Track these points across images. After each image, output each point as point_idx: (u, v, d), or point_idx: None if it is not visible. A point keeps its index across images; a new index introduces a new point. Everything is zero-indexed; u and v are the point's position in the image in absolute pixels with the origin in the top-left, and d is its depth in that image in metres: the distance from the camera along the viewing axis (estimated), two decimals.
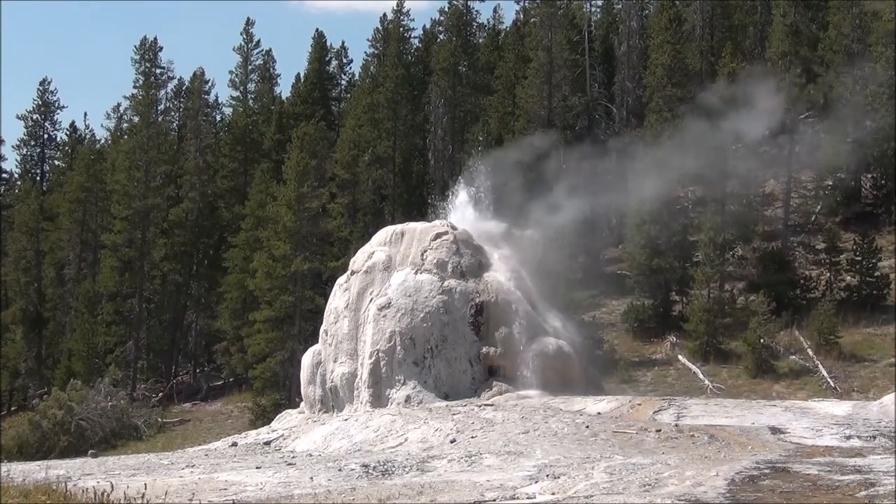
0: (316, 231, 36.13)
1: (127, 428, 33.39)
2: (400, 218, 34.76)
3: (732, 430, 16.39)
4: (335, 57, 54.89)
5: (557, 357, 23.24)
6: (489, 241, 25.47)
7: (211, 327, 42.37)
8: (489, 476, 12.85)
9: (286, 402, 31.44)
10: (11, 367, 41.87)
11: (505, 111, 42.66)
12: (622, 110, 43.26)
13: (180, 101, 52.04)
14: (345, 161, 41.37)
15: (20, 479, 11.50)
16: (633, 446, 15.36)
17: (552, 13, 40.96)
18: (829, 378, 27.00)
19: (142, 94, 46.79)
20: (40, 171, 54.91)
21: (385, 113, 43.25)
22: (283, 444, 20.71)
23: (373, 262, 24.62)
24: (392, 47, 45.80)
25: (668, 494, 10.70)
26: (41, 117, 53.99)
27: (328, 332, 24.87)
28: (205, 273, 44.56)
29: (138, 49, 48.46)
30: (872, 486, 10.68)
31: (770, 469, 12.26)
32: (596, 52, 45.44)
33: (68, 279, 44.75)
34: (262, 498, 11.93)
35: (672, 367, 30.25)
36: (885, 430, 16.03)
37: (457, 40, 46.07)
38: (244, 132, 46.63)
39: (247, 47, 50.18)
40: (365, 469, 13.93)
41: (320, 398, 24.58)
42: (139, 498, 9.31)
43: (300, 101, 50.68)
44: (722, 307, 30.64)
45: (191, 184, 44.44)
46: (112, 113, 54.73)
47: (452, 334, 23.09)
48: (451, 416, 18.87)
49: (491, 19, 52.37)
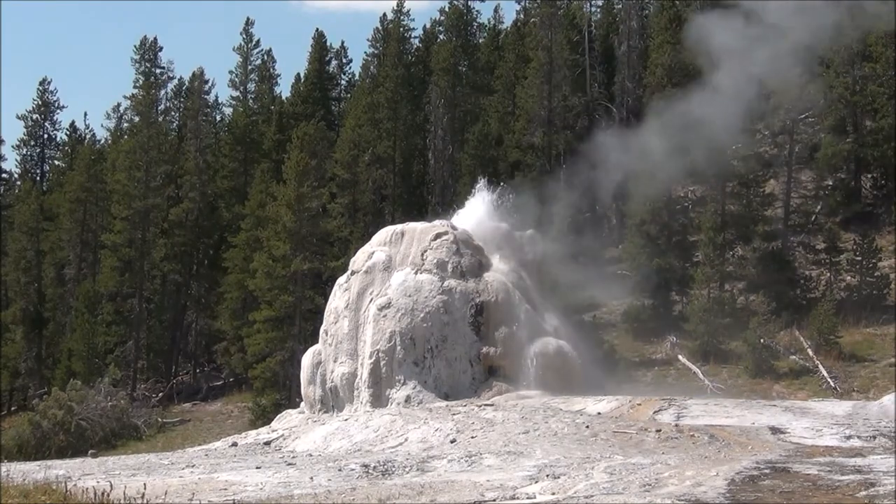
0: (316, 231, 36.11)
1: (127, 428, 33.37)
2: (400, 218, 34.75)
3: (732, 430, 16.40)
4: (335, 57, 54.87)
5: (557, 357, 23.27)
6: (489, 242, 25.51)
7: (211, 327, 42.35)
8: (489, 476, 12.85)
9: (286, 402, 31.43)
10: (11, 367, 41.85)
11: (505, 111, 42.65)
12: (622, 110, 43.23)
13: (180, 101, 52.08)
14: (345, 161, 41.36)
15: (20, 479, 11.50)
16: (633, 446, 15.36)
17: (552, 13, 40.96)
18: (829, 378, 26.97)
19: (142, 94, 46.79)
20: (40, 171, 54.92)
21: (385, 113, 43.24)
22: (283, 444, 20.72)
23: (373, 262, 24.63)
24: (392, 47, 45.79)
25: (668, 494, 10.70)
26: (41, 117, 53.99)
27: (328, 332, 24.89)
28: (205, 273, 44.55)
29: (138, 49, 48.53)
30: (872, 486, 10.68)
31: (770, 469, 12.26)
32: (596, 52, 45.44)
33: (68, 279, 44.74)
34: (262, 498, 11.93)
35: (672, 367, 30.23)
36: (885, 430, 16.04)
37: (457, 40, 46.06)
38: (244, 132, 46.62)
39: (247, 47, 50.19)
40: (365, 469, 13.93)
41: (320, 398, 24.59)
42: (139, 498, 9.31)
43: (300, 101, 50.66)
44: (722, 307, 30.61)
45: (191, 184, 44.43)
46: (112, 113, 54.80)
47: (452, 334, 23.11)
48: (451, 416, 18.88)
49: (491, 19, 52.50)
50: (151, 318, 43.43)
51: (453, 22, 46.61)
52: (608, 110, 43.95)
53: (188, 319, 44.76)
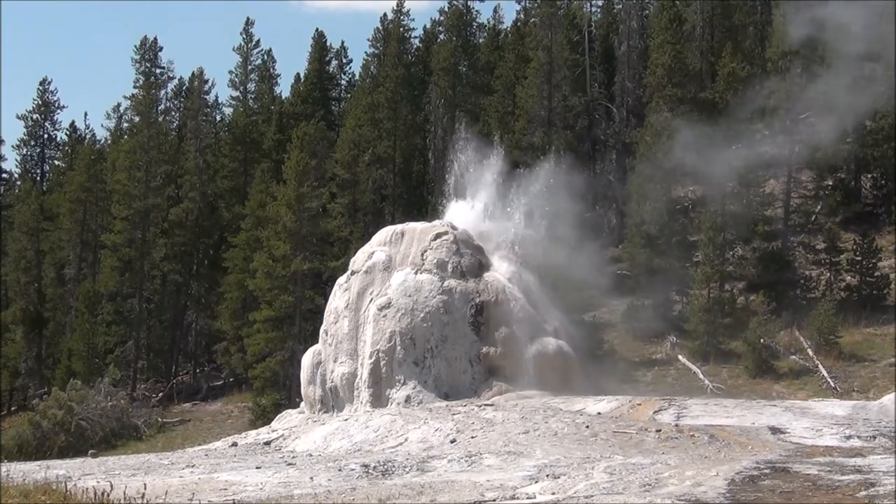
0: (316, 231, 36.12)
1: (127, 428, 33.37)
2: (400, 218, 34.74)
3: (732, 430, 16.40)
4: (335, 57, 54.84)
5: (557, 357, 23.27)
6: (489, 242, 25.51)
7: (211, 327, 42.35)
8: (489, 476, 12.85)
9: (286, 402, 31.43)
10: (11, 367, 41.83)
11: (505, 111, 42.62)
12: (622, 110, 43.21)
13: (180, 101, 52.04)
14: (345, 161, 41.36)
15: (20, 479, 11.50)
16: (633, 446, 15.36)
17: (552, 13, 40.96)
18: (829, 378, 26.97)
19: (142, 94, 46.75)
20: (40, 171, 54.88)
21: (385, 113, 43.23)
22: (283, 444, 20.72)
23: (373, 262, 24.63)
24: (392, 47, 45.78)
25: (668, 494, 10.71)
26: (41, 117, 53.95)
27: (328, 332, 24.88)
28: (205, 273, 44.55)
29: (138, 49, 48.47)
30: (872, 486, 10.69)
31: (770, 469, 12.26)
32: (596, 52, 45.41)
33: (68, 279, 44.73)
34: (262, 498, 11.93)
35: (672, 367, 30.23)
36: (885, 430, 16.04)
37: (457, 40, 46.04)
38: (244, 132, 46.62)
39: (247, 47, 50.14)
40: (365, 469, 13.93)
41: (320, 398, 24.58)
42: (139, 498, 9.31)
43: (300, 101, 50.64)
44: (722, 307, 30.61)
45: (191, 184, 44.42)
46: (112, 113, 54.79)
47: (452, 334, 23.11)
48: (451, 416, 18.89)
49: (491, 19, 52.39)
50: (151, 318, 43.43)
51: (453, 22, 46.58)
52: (608, 110, 43.94)
53: (188, 319, 44.75)
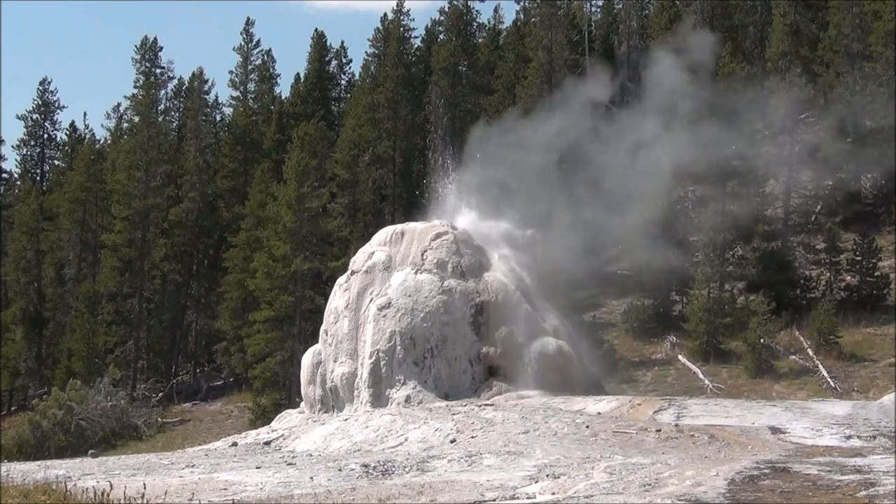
0: (316, 231, 36.12)
1: (127, 428, 33.38)
2: (400, 218, 34.73)
3: (732, 430, 16.40)
4: (335, 57, 54.83)
5: (557, 357, 23.24)
6: (489, 242, 25.48)
7: (211, 327, 42.36)
8: (489, 476, 12.85)
9: (286, 402, 31.43)
10: (11, 367, 41.85)
11: (505, 111, 42.59)
12: None
13: (180, 101, 52.01)
14: (345, 161, 41.37)
15: (20, 479, 11.50)
16: (633, 446, 15.36)
17: (552, 13, 40.98)
18: (829, 378, 26.99)
19: (142, 94, 46.78)
20: (40, 171, 54.86)
21: (385, 113, 43.23)
22: (283, 444, 20.71)
23: (373, 262, 24.62)
24: (392, 47, 45.79)
25: (668, 494, 10.70)
26: (41, 117, 53.94)
27: (328, 332, 24.87)
28: (205, 273, 44.55)
29: (138, 49, 48.43)
30: (872, 486, 10.68)
31: (770, 469, 12.26)
32: (596, 52, 45.44)
33: (68, 279, 44.75)
34: (262, 498, 11.93)
35: (672, 367, 30.25)
36: (885, 430, 16.04)
37: (457, 40, 46.04)
38: (244, 132, 46.63)
39: (247, 47, 50.12)
40: (365, 469, 13.92)
41: (320, 398, 24.57)
42: (139, 498, 9.30)
43: (300, 101, 50.66)
44: (722, 307, 30.63)
45: (191, 184, 44.42)
46: (112, 113, 54.73)
47: (452, 334, 23.09)
48: (451, 416, 18.88)
49: (491, 19, 52.40)
50: (151, 318, 43.43)
51: (453, 22, 46.59)
52: (608, 110, 43.91)
53: (188, 319, 44.75)
